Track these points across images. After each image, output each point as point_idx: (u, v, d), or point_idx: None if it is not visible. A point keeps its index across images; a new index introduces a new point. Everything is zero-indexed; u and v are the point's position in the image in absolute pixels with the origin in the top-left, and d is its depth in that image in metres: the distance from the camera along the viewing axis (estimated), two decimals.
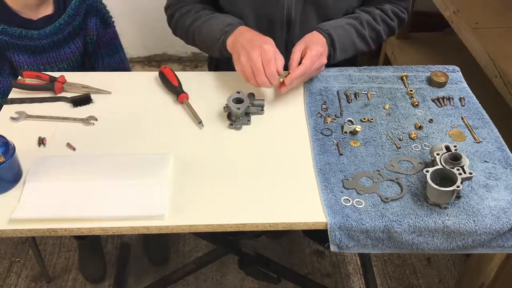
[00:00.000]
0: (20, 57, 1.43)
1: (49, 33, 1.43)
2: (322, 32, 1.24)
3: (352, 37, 1.29)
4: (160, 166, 1.04)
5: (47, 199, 0.97)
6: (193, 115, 1.18)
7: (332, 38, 1.24)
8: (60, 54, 1.48)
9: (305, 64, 1.16)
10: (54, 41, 1.45)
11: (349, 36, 1.28)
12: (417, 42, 2.46)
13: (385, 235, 0.96)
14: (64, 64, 1.50)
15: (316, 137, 1.14)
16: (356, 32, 1.29)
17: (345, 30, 1.27)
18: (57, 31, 1.44)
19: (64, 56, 1.48)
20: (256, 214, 0.96)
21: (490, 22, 1.79)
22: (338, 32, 1.25)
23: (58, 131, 1.15)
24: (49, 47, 1.45)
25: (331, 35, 1.24)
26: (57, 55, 1.47)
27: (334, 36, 1.24)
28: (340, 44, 1.25)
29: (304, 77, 1.20)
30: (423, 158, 1.09)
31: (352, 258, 1.92)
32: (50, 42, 1.44)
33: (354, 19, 1.31)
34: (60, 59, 1.48)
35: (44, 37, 1.43)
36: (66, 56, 1.49)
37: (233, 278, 1.83)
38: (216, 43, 1.25)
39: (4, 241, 1.94)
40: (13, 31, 1.39)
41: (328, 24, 1.26)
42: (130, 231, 0.96)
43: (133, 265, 1.86)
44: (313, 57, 1.17)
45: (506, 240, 0.98)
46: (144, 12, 2.68)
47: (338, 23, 1.28)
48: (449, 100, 1.25)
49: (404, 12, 1.39)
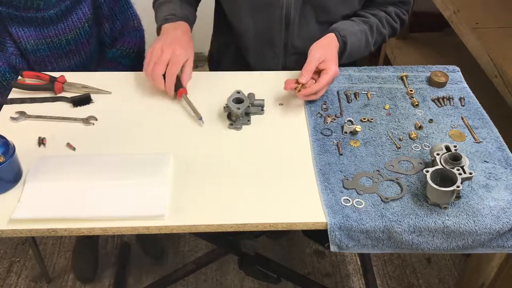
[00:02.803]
0: (26, 31, 1.35)
1: (56, 1, 1.35)
2: (338, 38, 1.24)
3: (360, 46, 1.30)
4: (160, 166, 1.04)
5: (47, 199, 0.97)
6: (193, 111, 1.18)
7: (346, 46, 1.25)
8: (68, 24, 1.40)
9: (322, 83, 1.17)
10: (62, 9, 1.36)
11: (358, 44, 1.29)
12: (417, 42, 2.46)
13: (385, 235, 0.96)
14: (72, 33, 1.41)
15: (316, 137, 1.14)
16: (365, 40, 1.30)
17: (357, 39, 1.28)
18: None
19: (72, 25, 1.40)
20: (256, 214, 0.96)
21: (490, 22, 1.80)
22: (352, 40, 1.26)
23: (58, 131, 1.15)
24: (57, 17, 1.37)
25: (346, 42, 1.24)
26: (65, 25, 1.39)
27: (348, 44, 1.25)
28: (349, 53, 1.26)
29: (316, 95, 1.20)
30: (423, 158, 1.09)
31: (352, 258, 1.92)
32: (57, 12, 1.36)
33: (365, 24, 1.31)
34: (68, 29, 1.40)
35: (51, 6, 1.34)
36: (74, 24, 1.40)
37: (233, 278, 1.84)
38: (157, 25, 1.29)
39: (4, 241, 1.94)
40: (17, 3, 1.31)
41: (345, 30, 1.26)
42: (130, 231, 0.96)
43: (133, 265, 1.86)
44: (330, 79, 1.18)
45: (506, 240, 0.98)
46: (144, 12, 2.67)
47: (353, 29, 1.28)
48: (449, 100, 1.25)
49: (405, 14, 1.40)
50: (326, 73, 1.17)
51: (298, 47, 1.33)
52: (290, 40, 1.34)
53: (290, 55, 1.37)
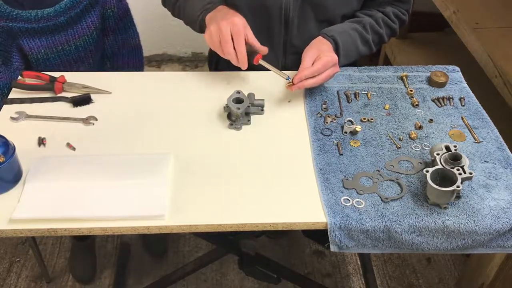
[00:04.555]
0: (37, 42, 1.36)
1: (66, 8, 1.35)
2: (327, 38, 1.24)
3: (356, 43, 1.29)
4: (160, 166, 1.04)
5: (47, 199, 0.97)
6: (276, 73, 1.19)
7: (337, 44, 1.23)
8: (78, 30, 1.41)
9: (317, 66, 1.15)
10: (72, 16, 1.37)
11: (353, 41, 1.28)
12: (417, 42, 2.46)
13: (385, 235, 0.96)
14: (81, 40, 1.43)
15: (316, 137, 1.14)
16: (360, 37, 1.29)
17: (349, 36, 1.27)
18: (74, 5, 1.36)
19: (82, 31, 1.41)
20: (256, 214, 0.96)
21: (490, 22, 1.80)
22: (343, 38, 1.25)
23: (58, 131, 1.15)
24: (67, 23, 1.38)
25: (336, 41, 1.23)
26: (75, 31, 1.40)
27: (339, 42, 1.23)
28: (344, 51, 1.25)
29: (315, 80, 1.17)
30: (423, 158, 1.09)
31: (352, 258, 1.92)
32: (68, 18, 1.37)
33: (357, 23, 1.30)
34: (78, 35, 1.41)
35: (61, 13, 1.35)
36: (83, 31, 1.42)
37: (233, 278, 1.84)
38: (197, 20, 1.26)
39: (4, 241, 1.94)
40: (28, 15, 1.32)
41: (333, 30, 1.26)
42: (130, 231, 0.96)
43: (133, 265, 1.86)
44: (327, 62, 1.16)
45: (506, 240, 0.98)
46: (144, 12, 2.68)
47: (342, 28, 1.28)
48: (449, 100, 1.25)
49: (405, 14, 1.39)
50: (321, 58, 1.16)
51: (298, 46, 1.33)
52: (290, 40, 1.34)
53: (289, 54, 1.37)
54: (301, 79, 1.15)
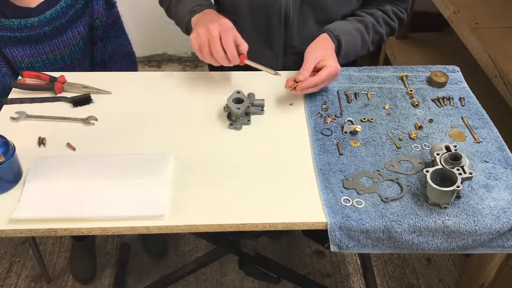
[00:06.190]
0: (20, 50, 1.35)
1: (51, 18, 1.34)
2: (332, 37, 1.24)
3: (356, 44, 1.29)
4: (160, 166, 1.04)
5: (47, 199, 0.97)
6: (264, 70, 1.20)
7: (340, 45, 1.24)
8: (63, 40, 1.39)
9: (321, 76, 1.15)
10: (57, 26, 1.36)
11: (354, 42, 1.28)
12: (417, 42, 2.46)
13: (385, 235, 0.96)
14: (67, 50, 1.42)
15: (316, 137, 1.14)
16: (361, 39, 1.30)
17: (352, 37, 1.27)
18: (59, 15, 1.35)
19: (67, 41, 1.40)
20: (256, 214, 0.96)
21: (490, 22, 1.79)
22: (347, 39, 1.25)
23: (58, 131, 1.15)
24: (51, 33, 1.36)
25: (340, 42, 1.24)
26: (60, 41, 1.39)
27: (342, 43, 1.24)
28: (345, 52, 1.26)
29: (316, 88, 1.19)
30: (423, 158, 1.09)
31: (352, 258, 1.92)
32: (52, 28, 1.36)
33: (360, 23, 1.31)
34: (63, 45, 1.40)
35: (46, 23, 1.34)
36: (68, 41, 1.40)
37: (233, 278, 1.83)
38: (184, 20, 1.26)
39: (4, 241, 1.94)
40: (11, 24, 1.31)
41: (338, 29, 1.25)
42: (130, 231, 0.96)
43: (133, 265, 1.86)
44: (330, 73, 1.17)
45: (506, 240, 0.98)
46: (144, 12, 2.68)
47: (347, 28, 1.28)
48: (449, 100, 1.25)
49: (404, 13, 1.40)
50: (325, 68, 1.16)
51: (298, 47, 1.33)
52: (290, 40, 1.34)
53: (289, 55, 1.37)
54: (304, 88, 1.16)
